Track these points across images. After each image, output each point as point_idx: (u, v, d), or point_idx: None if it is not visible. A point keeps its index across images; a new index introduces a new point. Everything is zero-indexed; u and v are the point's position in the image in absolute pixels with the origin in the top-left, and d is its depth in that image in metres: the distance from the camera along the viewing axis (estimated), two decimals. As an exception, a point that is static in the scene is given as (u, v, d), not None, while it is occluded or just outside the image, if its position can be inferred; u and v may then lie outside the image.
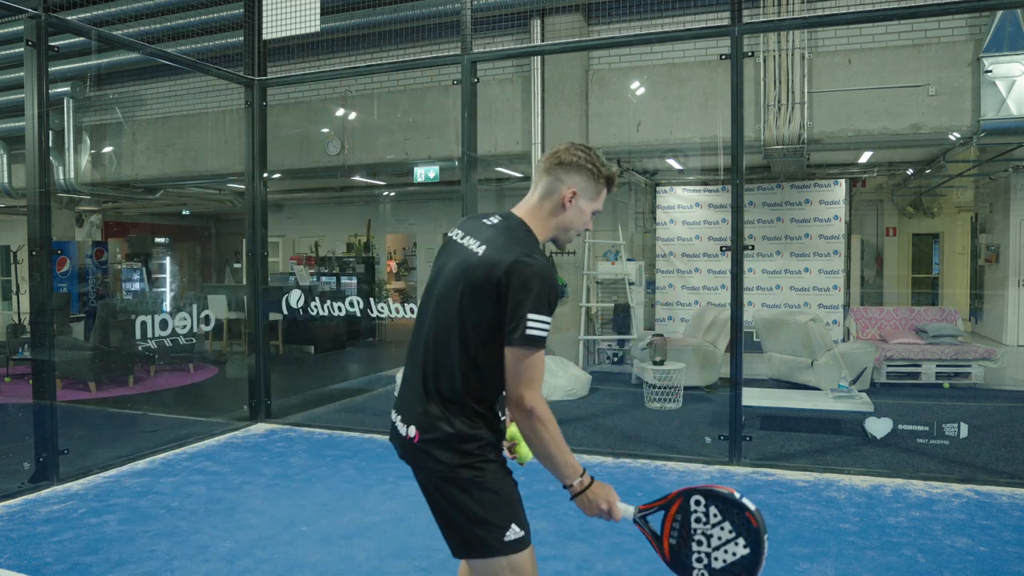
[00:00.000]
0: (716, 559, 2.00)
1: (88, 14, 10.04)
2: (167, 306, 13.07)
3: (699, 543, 2.02)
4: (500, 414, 2.14)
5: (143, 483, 4.99)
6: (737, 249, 5.36)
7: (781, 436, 6.08)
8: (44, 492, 4.80)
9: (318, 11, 6.41)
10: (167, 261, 15.79)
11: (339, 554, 3.79)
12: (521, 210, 2.17)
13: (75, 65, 12.82)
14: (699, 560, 2.01)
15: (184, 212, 20.36)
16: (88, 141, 13.25)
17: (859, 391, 6.86)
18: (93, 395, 8.13)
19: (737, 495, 2.04)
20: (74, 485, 4.94)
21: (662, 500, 2.06)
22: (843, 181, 12.79)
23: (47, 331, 5.05)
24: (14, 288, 14.11)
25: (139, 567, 3.62)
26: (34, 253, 4.97)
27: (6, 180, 14.18)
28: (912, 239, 17.85)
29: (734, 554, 2.00)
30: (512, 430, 2.25)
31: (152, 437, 6.14)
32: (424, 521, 4.24)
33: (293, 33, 6.47)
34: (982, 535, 4.00)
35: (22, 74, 12.61)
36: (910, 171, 12.49)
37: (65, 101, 13.09)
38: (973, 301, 15.08)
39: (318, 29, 6.44)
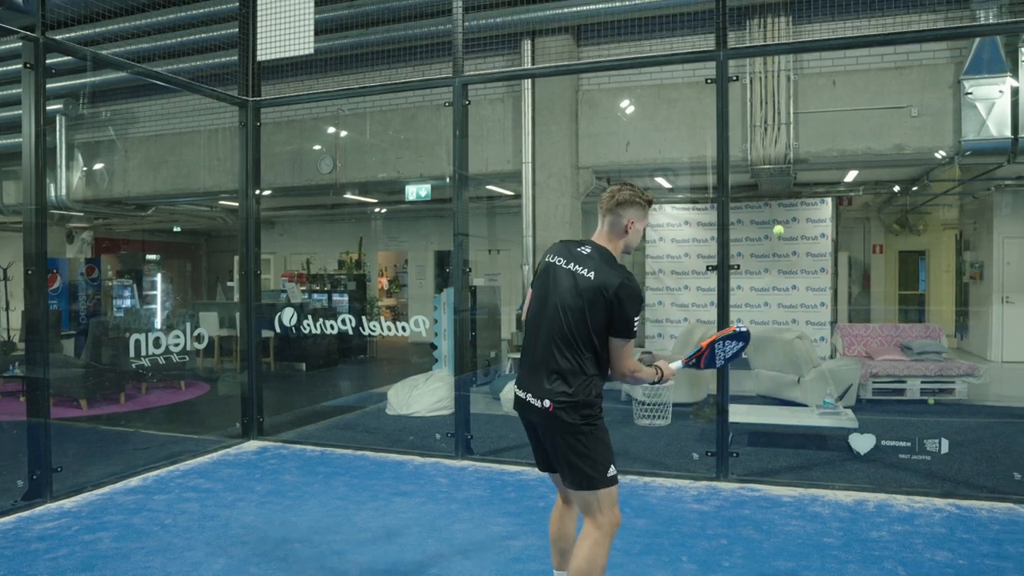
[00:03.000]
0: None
1: (83, 32, 10.15)
2: (158, 323, 13.10)
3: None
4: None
5: (136, 500, 5.03)
6: (723, 267, 5.44)
7: (768, 452, 6.16)
8: (38, 509, 4.84)
9: (311, 33, 6.52)
10: (158, 278, 15.82)
11: (332, 569, 3.84)
12: (601, 240, 3.09)
13: (68, 83, 12.89)
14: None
15: (175, 229, 20.38)
16: (80, 158, 13.31)
17: (845, 407, 6.97)
18: (85, 412, 8.15)
19: (737, 329, 3.31)
20: (67, 502, 4.98)
21: (697, 352, 3.31)
22: (829, 199, 12.96)
23: (42, 349, 5.10)
24: (4, 305, 14.08)
25: (134, 583, 3.67)
26: (30, 272, 5.03)
27: (-3, 197, 14.21)
28: (899, 256, 18.07)
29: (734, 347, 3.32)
30: None
31: (145, 454, 6.18)
32: (415, 539, 4.31)
33: (287, 55, 6.57)
34: (961, 548, 4.09)
35: (11, 92, 12.67)
36: (896, 188, 12.64)
37: (57, 119, 13.16)
38: (958, 318, 15.25)
39: (311, 51, 6.55)
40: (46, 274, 5.09)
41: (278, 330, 6.98)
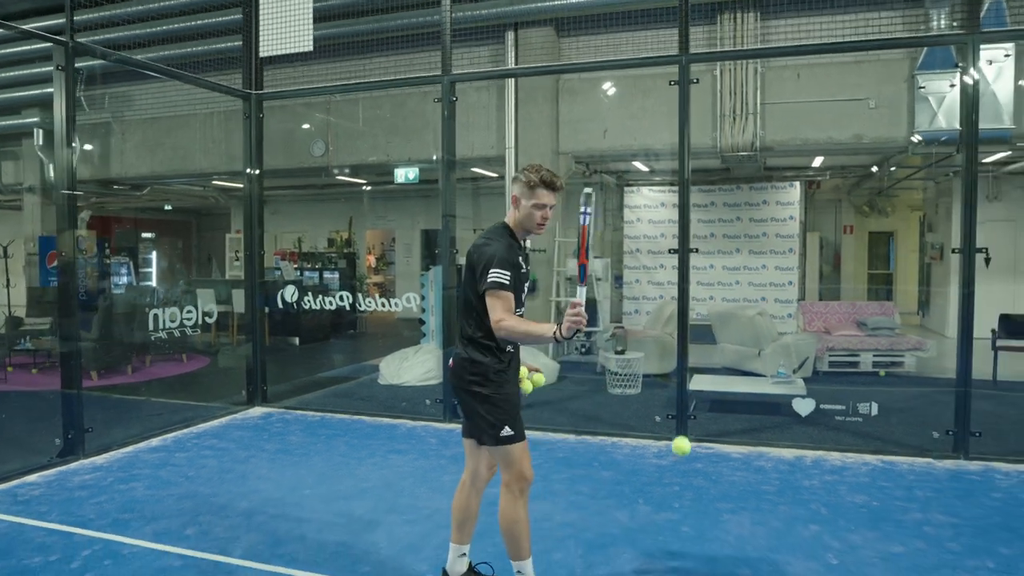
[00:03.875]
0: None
1: (85, 16, 10.56)
2: (158, 299, 13.61)
3: None
4: (505, 348, 3.17)
5: (160, 457, 5.65)
6: (683, 250, 6.07)
7: (725, 417, 6.85)
8: (73, 464, 5.45)
9: (311, 31, 7.06)
10: (153, 255, 16.31)
11: (340, 511, 4.49)
12: (507, 216, 3.24)
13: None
14: None
15: (166, 207, 20.77)
16: (79, 139, 13.70)
17: (801, 378, 7.67)
18: (95, 383, 8.71)
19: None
20: (99, 459, 5.59)
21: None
22: (798, 183, 13.65)
23: (74, 325, 5.67)
24: (5, 282, 14.53)
25: (170, 522, 4.29)
26: (63, 253, 5.59)
27: (-5, 176, 14.60)
28: (869, 237, 18.81)
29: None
30: (522, 372, 3.34)
31: (160, 419, 6.77)
32: (410, 485, 4.96)
33: (288, 51, 7.11)
34: (878, 493, 4.80)
35: (9, 75, 13.00)
36: (874, 169, 13.21)
37: (55, 100, 13.51)
38: (921, 296, 16.00)
39: (311, 48, 7.09)
40: (75, 257, 5.64)
41: (280, 306, 7.55)
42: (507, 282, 3.01)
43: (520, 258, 3.17)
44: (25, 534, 4.12)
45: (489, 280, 3.00)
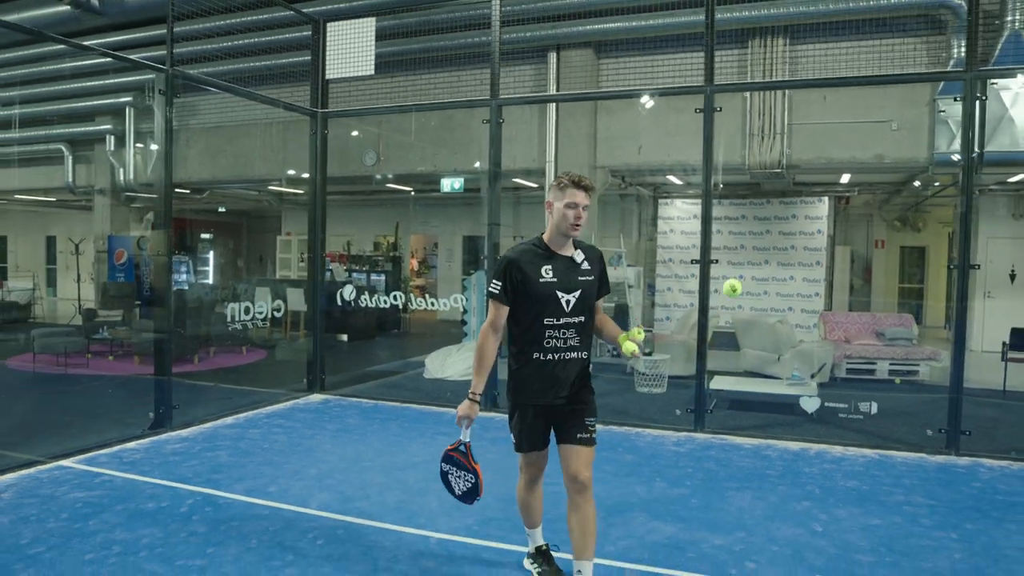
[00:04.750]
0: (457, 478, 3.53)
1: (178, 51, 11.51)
2: (220, 295, 14.56)
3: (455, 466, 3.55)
4: (536, 353, 3.37)
5: (236, 432, 6.46)
6: (705, 261, 6.72)
7: (741, 414, 7.47)
8: (164, 436, 6.27)
9: (372, 58, 7.85)
10: (211, 255, 17.32)
11: (396, 479, 5.23)
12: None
13: (136, 78, 14.30)
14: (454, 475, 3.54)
15: (220, 209, 21.87)
16: (146, 146, 14.74)
17: (819, 383, 8.25)
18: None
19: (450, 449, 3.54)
20: (184, 432, 6.41)
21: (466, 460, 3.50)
22: (827, 199, 14.15)
23: (169, 319, 6.49)
24: (75, 277, 15.65)
25: (254, 482, 5.07)
26: (159, 254, 6.43)
27: (70, 179, 15.73)
28: (900, 251, 19.15)
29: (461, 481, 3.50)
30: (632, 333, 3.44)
31: (231, 402, 7.60)
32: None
33: (352, 75, 7.91)
34: (869, 480, 5.40)
35: (91, 83, 14.03)
36: (917, 183, 13.56)
37: (127, 110, 14.59)
38: (948, 310, 16.33)
39: (372, 72, 7.88)
40: (172, 257, 6.48)
41: (339, 303, 8.34)
42: (496, 292, 3.30)
43: (546, 268, 3.29)
44: (137, 487, 4.93)
45: (491, 290, 3.33)
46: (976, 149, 10.06)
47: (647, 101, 11.28)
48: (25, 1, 13.22)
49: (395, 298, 8.28)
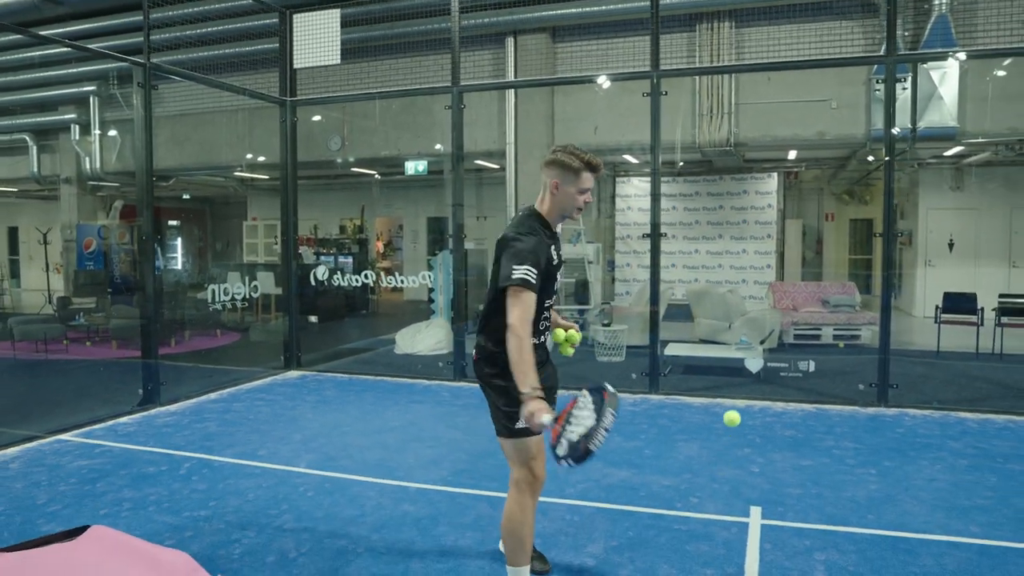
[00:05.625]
0: (572, 432, 2.63)
1: (130, 41, 11.66)
2: (191, 280, 14.80)
3: (570, 423, 2.68)
4: (533, 337, 2.90)
5: (222, 406, 6.86)
6: (655, 235, 7.24)
7: (693, 377, 8.05)
8: (153, 411, 6.65)
9: (338, 47, 8.19)
10: (178, 241, 17.49)
11: (375, 440, 5.69)
12: (537, 201, 3.09)
13: (100, 67, 14.38)
14: (566, 435, 2.64)
15: (184, 196, 21.92)
16: (111, 135, 14.86)
17: (768, 348, 8.86)
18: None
19: (605, 386, 2.72)
20: (172, 407, 6.80)
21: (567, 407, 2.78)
22: (776, 175, 14.80)
23: (156, 305, 6.83)
24: (44, 266, 15.74)
25: (244, 447, 5.50)
26: (143, 240, 6.76)
27: (35, 169, 15.78)
28: (850, 224, 19.96)
29: (584, 425, 2.60)
30: (558, 335, 3.32)
31: (213, 380, 7.97)
32: (430, 424, 6.17)
33: (318, 64, 8.26)
34: (805, 429, 6.00)
35: (54, 72, 14.08)
36: (870, 158, 14.23)
37: (91, 99, 14.68)
38: (894, 279, 17.13)
39: (339, 61, 8.23)
40: (154, 243, 6.81)
41: (313, 283, 8.73)
42: (533, 281, 2.82)
43: (552, 248, 3.02)
44: (136, 455, 5.32)
45: (513, 276, 2.80)
46: (909, 126, 10.78)
47: (604, 82, 11.79)
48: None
49: (365, 276, 8.69)
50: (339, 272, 8.80)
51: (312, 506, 4.28)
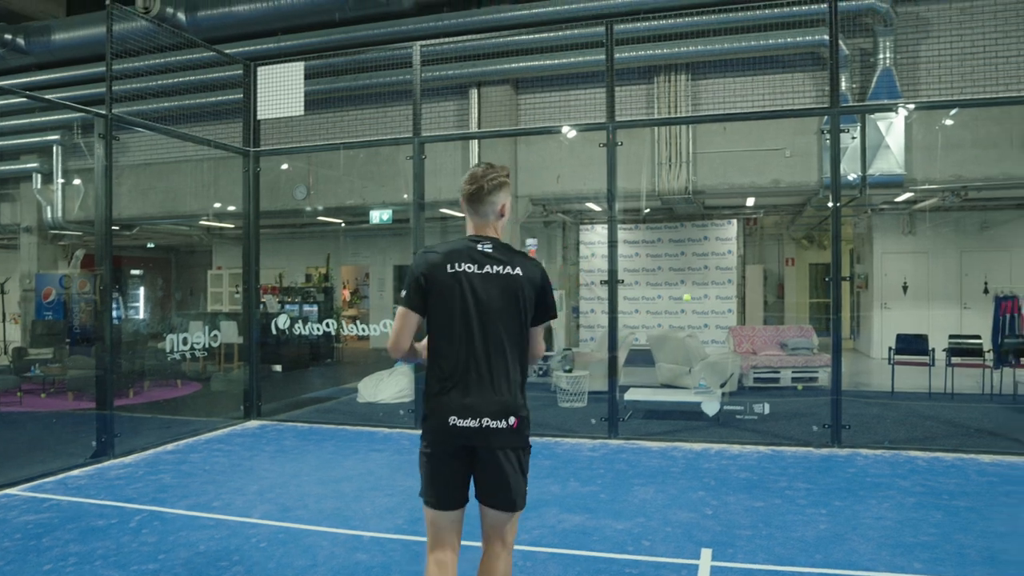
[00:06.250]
0: None
1: (90, 91, 11.70)
2: (156, 330, 14.63)
3: None
4: None
5: (178, 457, 6.78)
6: (612, 281, 7.37)
7: (653, 422, 8.12)
8: (106, 463, 6.55)
9: (302, 98, 8.33)
10: (141, 291, 17.34)
11: (332, 489, 5.66)
12: (487, 231, 2.86)
13: (64, 116, 14.41)
14: None
15: (149, 245, 21.82)
16: (75, 183, 14.80)
17: (728, 392, 8.99)
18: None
19: None
20: (127, 459, 6.70)
21: None
22: (735, 221, 15.13)
23: (110, 356, 6.78)
24: (1, 316, 15.48)
25: (198, 498, 5.44)
26: (102, 289, 6.73)
27: (-7, 218, 15.61)
28: (809, 268, 20.39)
29: None
30: None
31: (170, 431, 7.87)
32: (388, 472, 6.15)
33: (282, 115, 8.38)
34: (760, 471, 6.08)
35: (17, 122, 14.06)
36: (830, 204, 14.63)
37: (54, 148, 14.66)
38: (852, 321, 17.50)
39: (302, 112, 8.36)
40: (111, 293, 6.79)
41: (274, 332, 8.71)
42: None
43: None
44: (85, 508, 5.24)
45: (552, 310, 2.89)
46: (859, 173, 11.13)
47: (569, 132, 12.07)
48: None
49: (327, 325, 8.69)
50: (300, 321, 8.78)
51: (264, 557, 4.25)
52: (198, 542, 4.49)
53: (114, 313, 15.51)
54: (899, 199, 13.44)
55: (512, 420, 2.75)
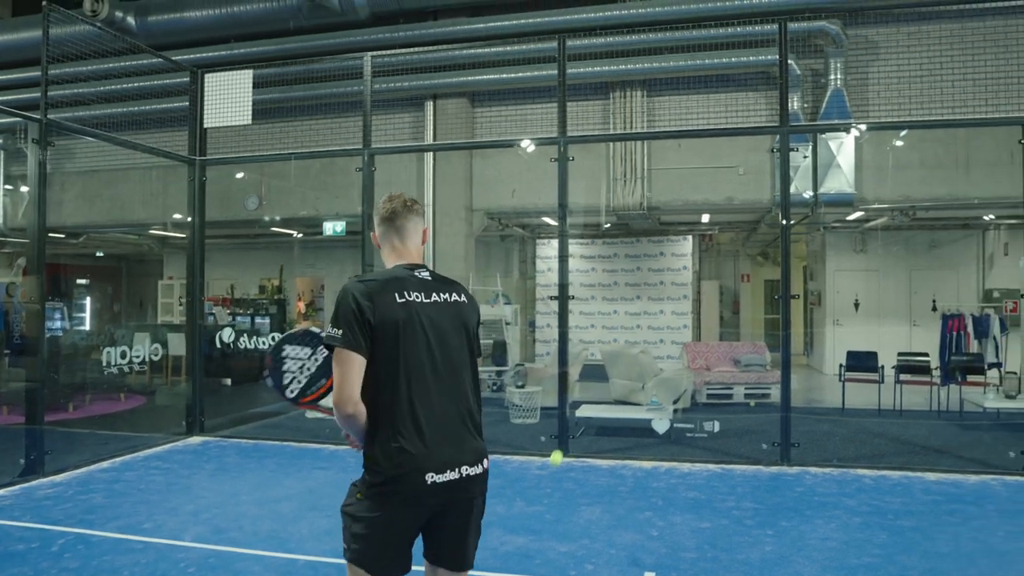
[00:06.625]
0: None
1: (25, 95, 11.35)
2: (97, 340, 14.19)
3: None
4: None
5: (112, 475, 6.52)
6: (563, 296, 7.31)
7: (603, 439, 8.06)
8: (35, 482, 6.27)
9: (250, 107, 8.15)
10: (87, 301, 16.84)
11: (270, 510, 5.47)
12: (413, 258, 2.61)
13: (6, 120, 13.95)
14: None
15: (98, 254, 21.27)
16: (22, 190, 14.34)
17: (681, 408, 8.97)
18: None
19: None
20: (57, 477, 6.43)
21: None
22: (691, 237, 15.23)
23: (43, 367, 6.51)
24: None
25: (129, 520, 5.21)
26: (31, 301, 6.47)
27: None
28: (764, 284, 20.60)
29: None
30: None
31: (108, 447, 7.59)
32: (329, 491, 5.98)
33: (229, 124, 8.18)
34: (708, 490, 6.03)
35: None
36: (785, 222, 14.82)
37: (-3, 153, 14.19)
38: (806, 338, 17.71)
39: (249, 122, 8.18)
40: (44, 303, 6.52)
41: (218, 346, 8.47)
42: None
43: None
44: (5, 531, 4.99)
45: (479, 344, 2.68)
46: (811, 192, 11.25)
47: (528, 146, 12.04)
48: None
49: (274, 339, 8.47)
50: (246, 335, 8.56)
51: (190, 583, 4.07)
52: (122, 568, 4.29)
53: (57, 323, 15.05)
54: (850, 217, 13.64)
55: (485, 462, 2.51)
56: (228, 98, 8.28)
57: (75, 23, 7.36)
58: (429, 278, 2.55)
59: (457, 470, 2.40)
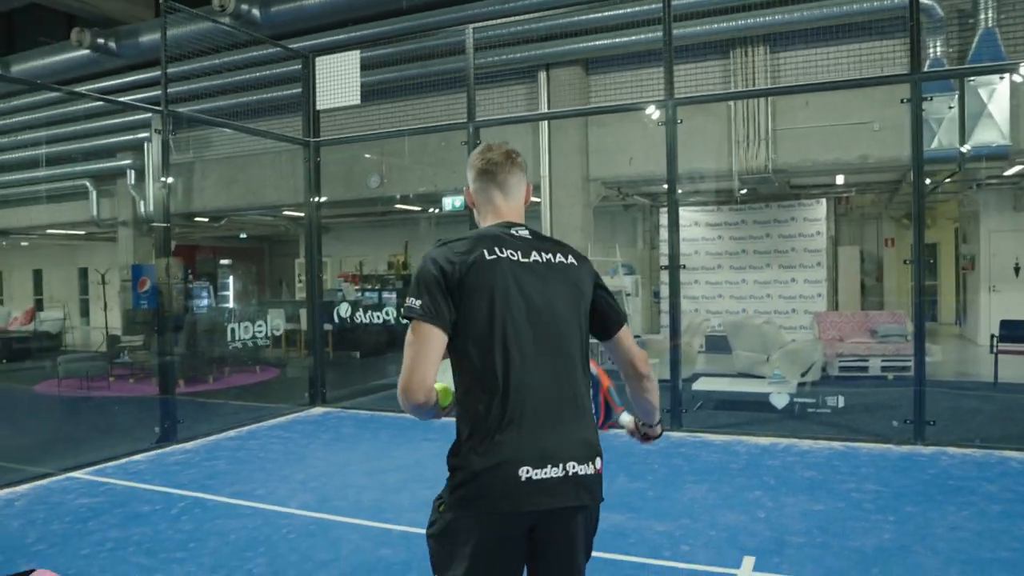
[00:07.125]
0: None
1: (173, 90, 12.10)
2: (235, 318, 15.11)
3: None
4: None
5: (237, 443, 6.89)
6: (674, 266, 7.03)
7: (720, 413, 7.73)
8: (168, 448, 6.72)
9: (358, 88, 8.29)
10: (230, 280, 17.93)
11: (377, 480, 5.60)
12: (515, 216, 2.18)
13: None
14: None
15: (241, 236, 22.58)
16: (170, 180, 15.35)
17: (810, 381, 8.49)
18: (183, 390, 10.07)
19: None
20: (188, 444, 6.86)
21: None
22: (824, 200, 14.32)
23: (169, 343, 6.96)
24: (103, 305, 16.32)
25: (244, 486, 5.48)
26: (168, 278, 6.90)
27: (95, 212, 16.45)
28: (911, 249, 19.13)
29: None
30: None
31: (236, 417, 8.03)
32: (435, 463, 6.04)
33: (341, 105, 8.37)
34: (827, 470, 5.65)
35: (106, 123, 14.63)
36: (929, 181, 13.77)
37: (145, 144, 15.22)
38: (958, 306, 16.37)
39: (359, 102, 8.33)
40: (171, 283, 6.93)
41: (336, 321, 8.76)
42: None
43: None
44: (136, 493, 5.36)
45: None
46: (958, 146, 10.29)
47: (653, 112, 11.67)
48: (53, 47, 14.06)
49: (387, 313, 8.70)
50: (361, 309, 8.80)
51: (288, 549, 4.20)
52: (230, 531, 4.50)
53: (204, 301, 16.09)
54: (1008, 172, 12.39)
55: (598, 462, 2.02)
56: (339, 80, 8.47)
57: (198, 21, 7.70)
58: (528, 236, 2.11)
59: (561, 466, 1.92)
